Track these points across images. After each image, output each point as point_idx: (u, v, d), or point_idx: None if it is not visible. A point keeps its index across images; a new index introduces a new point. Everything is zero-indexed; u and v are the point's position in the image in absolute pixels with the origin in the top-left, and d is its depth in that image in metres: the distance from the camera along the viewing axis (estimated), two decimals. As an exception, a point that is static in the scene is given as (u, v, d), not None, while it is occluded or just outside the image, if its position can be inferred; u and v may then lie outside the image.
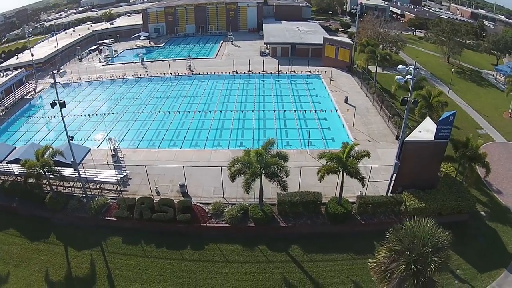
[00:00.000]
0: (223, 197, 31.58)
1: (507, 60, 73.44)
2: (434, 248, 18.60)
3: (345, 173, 27.74)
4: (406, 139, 30.19)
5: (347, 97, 49.98)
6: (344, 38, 73.70)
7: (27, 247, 29.20)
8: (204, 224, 29.43)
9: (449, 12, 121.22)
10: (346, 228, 29.38)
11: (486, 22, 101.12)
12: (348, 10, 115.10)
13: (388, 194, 30.98)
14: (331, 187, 30.94)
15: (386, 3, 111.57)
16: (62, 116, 30.76)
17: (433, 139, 29.50)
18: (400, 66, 28.34)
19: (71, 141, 31.19)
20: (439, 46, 72.72)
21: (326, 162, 27.68)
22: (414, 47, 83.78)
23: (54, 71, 35.37)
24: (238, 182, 28.35)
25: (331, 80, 57.70)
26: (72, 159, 31.03)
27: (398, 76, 29.91)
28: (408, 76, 27.88)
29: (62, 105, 30.05)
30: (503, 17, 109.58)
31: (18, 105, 55.96)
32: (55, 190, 32.47)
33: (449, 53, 70.59)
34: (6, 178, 34.95)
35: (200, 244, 28.29)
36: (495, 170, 36.17)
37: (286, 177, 26.83)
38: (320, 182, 27.71)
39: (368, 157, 28.97)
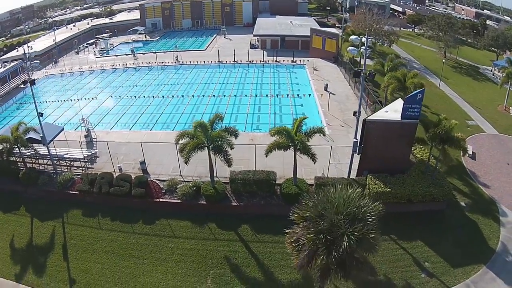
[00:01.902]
0: (180, 175, 32.37)
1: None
2: (351, 218, 16.77)
3: (298, 151, 27.43)
4: (368, 118, 29.33)
5: (326, 85, 50.34)
6: (332, 29, 73.71)
7: None
8: (158, 200, 30.21)
9: (453, 12, 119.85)
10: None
11: (490, 23, 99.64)
12: (348, 7, 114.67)
13: (350, 177, 30.08)
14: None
15: (386, 0, 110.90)
16: (32, 93, 32.66)
17: (399, 119, 28.11)
18: (352, 37, 28.07)
19: (40, 118, 33.02)
20: (435, 41, 71.93)
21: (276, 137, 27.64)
22: (411, 42, 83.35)
23: (27, 53, 36.75)
24: (197, 162, 29.22)
25: (314, 69, 58.09)
26: (44, 138, 32.71)
27: (350, 47, 29.73)
28: (362, 48, 27.14)
29: (32, 82, 33.31)
30: (509, 18, 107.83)
31: (12, 94, 58.05)
32: (29, 167, 34.23)
33: (445, 47, 69.79)
34: None
35: (151, 219, 29.07)
36: (482, 161, 35.85)
37: (231, 149, 27.32)
38: (266, 156, 27.70)
39: (323, 135, 29.20)
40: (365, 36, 27.54)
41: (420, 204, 28.26)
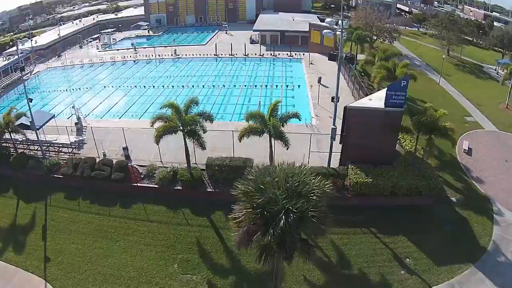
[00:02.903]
0: (161, 161, 32.76)
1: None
2: (291, 194, 15.70)
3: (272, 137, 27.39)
4: (349, 105, 28.77)
5: (320, 78, 50.13)
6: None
7: None
8: (136, 184, 30.69)
9: (462, 13, 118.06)
10: None
11: (498, 24, 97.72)
12: (353, 5, 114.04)
13: (330, 167, 29.63)
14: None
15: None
16: (23, 78, 33.18)
17: (383, 107, 27.32)
18: (327, 19, 27.74)
19: (30, 103, 34.40)
20: (438, 38, 71.02)
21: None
22: (415, 41, 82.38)
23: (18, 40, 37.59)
24: (177, 148, 29.79)
25: (310, 63, 57.97)
26: (33, 123, 33.85)
27: (325, 30, 29.42)
28: (338, 31, 26.77)
29: (22, 68, 33.34)
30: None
31: (13, 85, 59.30)
32: (20, 152, 35.27)
33: (448, 45, 68.85)
34: None
35: (128, 203, 29.50)
36: (478, 157, 34.97)
37: (204, 133, 27.55)
38: (240, 141, 27.88)
39: (299, 119, 28.98)
40: (341, 19, 27.25)
41: (405, 198, 27.32)
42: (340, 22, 26.85)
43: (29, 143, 37.03)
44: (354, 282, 22.87)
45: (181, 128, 27.58)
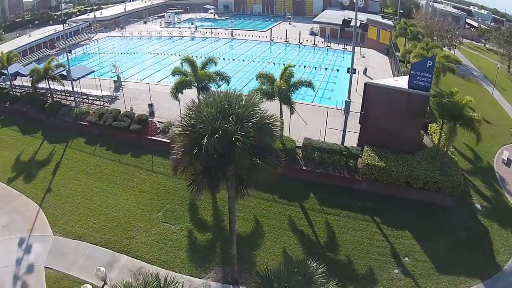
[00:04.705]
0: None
1: None
2: (226, 116, 14.12)
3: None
4: (369, 81, 27.16)
5: (366, 69, 47.90)
6: (387, 20, 70.02)
7: (17, 139, 34.16)
8: (151, 137, 31.11)
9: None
10: (286, 172, 27.23)
11: None
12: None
13: (344, 145, 27.55)
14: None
15: (462, 12, 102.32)
16: (64, 30, 35.75)
17: (406, 88, 25.18)
18: None
19: (69, 55, 36.50)
20: (497, 54, 65.64)
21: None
22: (479, 54, 76.57)
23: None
24: None
25: (362, 56, 55.47)
26: (69, 73, 35.80)
27: None
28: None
29: (64, 21, 36.47)
30: None
31: (70, 48, 63.22)
32: (56, 100, 37.25)
33: (509, 60, 62.81)
34: (24, 90, 40.62)
35: (139, 153, 30.02)
36: None
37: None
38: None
39: (313, 89, 28.00)
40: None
41: (421, 192, 24.59)
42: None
43: (66, 94, 39.10)
44: (335, 268, 19.93)
45: (195, 83, 27.25)
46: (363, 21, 29.85)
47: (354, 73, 27.88)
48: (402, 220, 23.73)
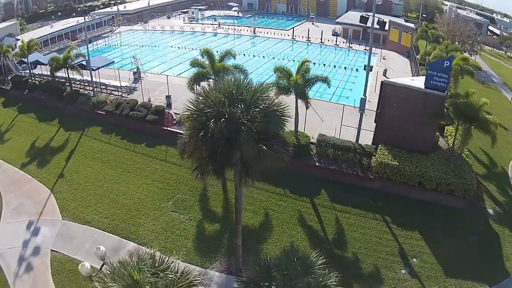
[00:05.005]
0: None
1: None
2: (235, 102, 13.88)
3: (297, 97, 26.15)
4: (385, 80, 26.93)
5: (385, 70, 46.96)
6: (409, 23, 68.67)
7: (34, 125, 34.81)
8: (166, 128, 31.20)
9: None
10: (298, 167, 26.21)
11: None
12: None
13: (358, 142, 27.31)
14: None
15: (485, 19, 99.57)
16: (85, 21, 36.69)
17: (422, 88, 24.90)
18: None
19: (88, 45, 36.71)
20: None
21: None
22: (499, 61, 74.47)
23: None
24: None
25: (383, 58, 54.57)
26: (88, 62, 36.34)
27: None
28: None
29: (86, 12, 37.80)
30: None
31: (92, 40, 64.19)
32: (75, 89, 37.73)
33: None
34: (43, 79, 41.11)
35: (154, 143, 30.12)
36: None
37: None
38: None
39: (329, 86, 27.58)
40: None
41: (433, 194, 24.17)
42: None
43: (84, 83, 39.54)
44: (342, 265, 19.66)
45: (212, 76, 27.19)
46: (380, 18, 29.37)
47: (371, 70, 27.28)
48: (412, 221, 23.20)
